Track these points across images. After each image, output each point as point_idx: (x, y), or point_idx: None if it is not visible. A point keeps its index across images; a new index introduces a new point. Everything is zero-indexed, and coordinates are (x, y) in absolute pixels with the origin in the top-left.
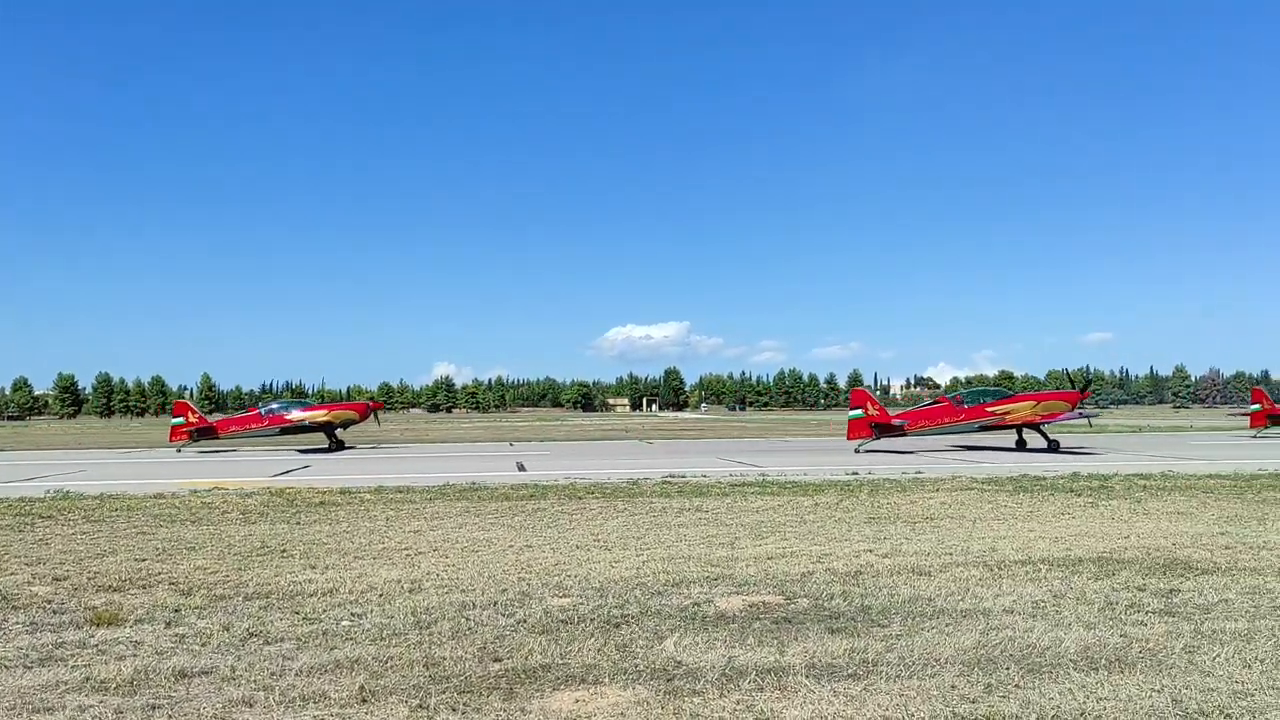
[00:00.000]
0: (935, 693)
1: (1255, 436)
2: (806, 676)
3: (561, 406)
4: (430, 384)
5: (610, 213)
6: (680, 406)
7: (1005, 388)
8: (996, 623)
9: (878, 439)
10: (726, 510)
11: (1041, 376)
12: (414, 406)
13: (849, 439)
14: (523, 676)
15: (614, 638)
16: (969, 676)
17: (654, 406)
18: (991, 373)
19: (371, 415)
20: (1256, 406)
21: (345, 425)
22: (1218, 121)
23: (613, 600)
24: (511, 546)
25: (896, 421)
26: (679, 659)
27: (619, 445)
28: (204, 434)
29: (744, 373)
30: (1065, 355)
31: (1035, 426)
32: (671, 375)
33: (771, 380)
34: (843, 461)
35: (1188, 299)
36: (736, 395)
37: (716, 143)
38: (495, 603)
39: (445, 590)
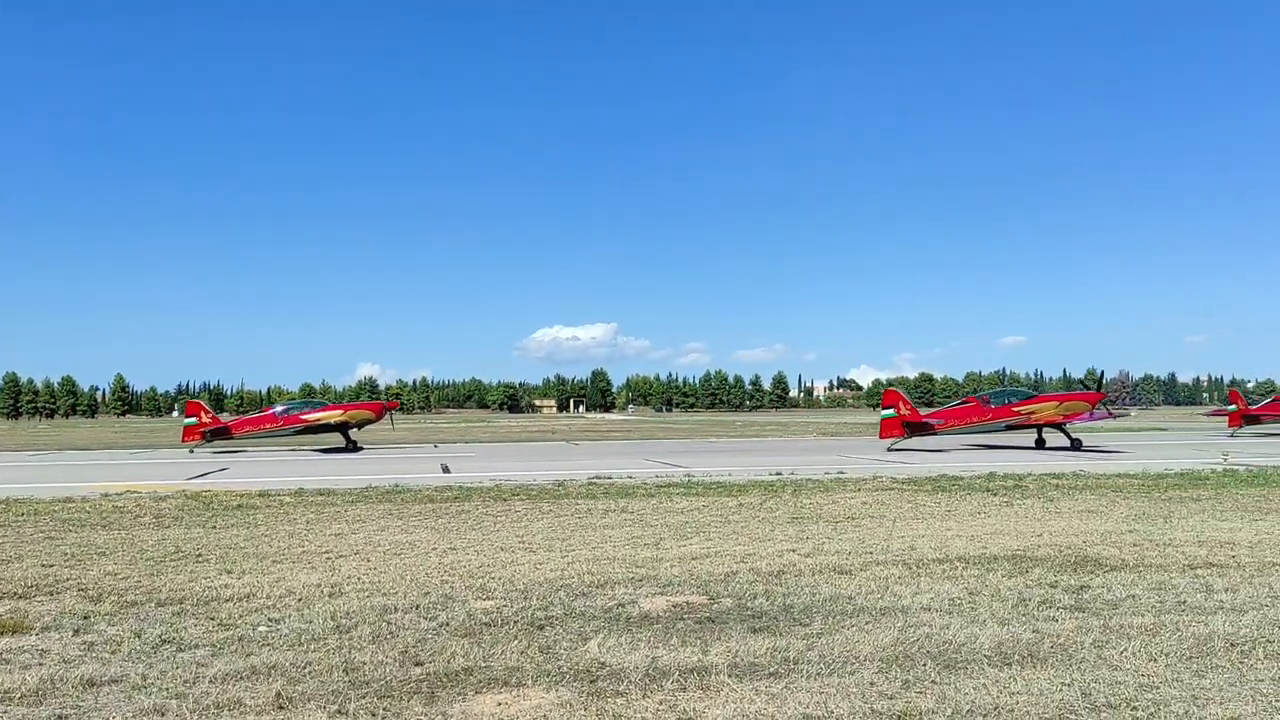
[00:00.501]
0: (855, 689)
1: (1231, 436)
2: (729, 676)
3: (487, 408)
4: (353, 385)
5: (538, 213)
6: (608, 408)
7: (1029, 389)
8: (915, 620)
9: (909, 437)
10: (652, 511)
11: (960, 379)
12: None
13: (881, 437)
14: (444, 680)
15: (538, 639)
16: (887, 673)
17: (581, 408)
18: (912, 375)
19: (387, 415)
20: (1233, 407)
21: (361, 425)
22: (1136, 134)
23: (537, 602)
24: (435, 549)
25: (929, 421)
26: (603, 660)
27: (545, 447)
28: (218, 434)
29: (670, 374)
30: (982, 358)
31: (1058, 426)
32: (599, 377)
33: (698, 382)
34: (766, 462)
35: (1098, 303)
36: (663, 397)
37: (646, 145)
38: (417, 606)
39: (366, 594)
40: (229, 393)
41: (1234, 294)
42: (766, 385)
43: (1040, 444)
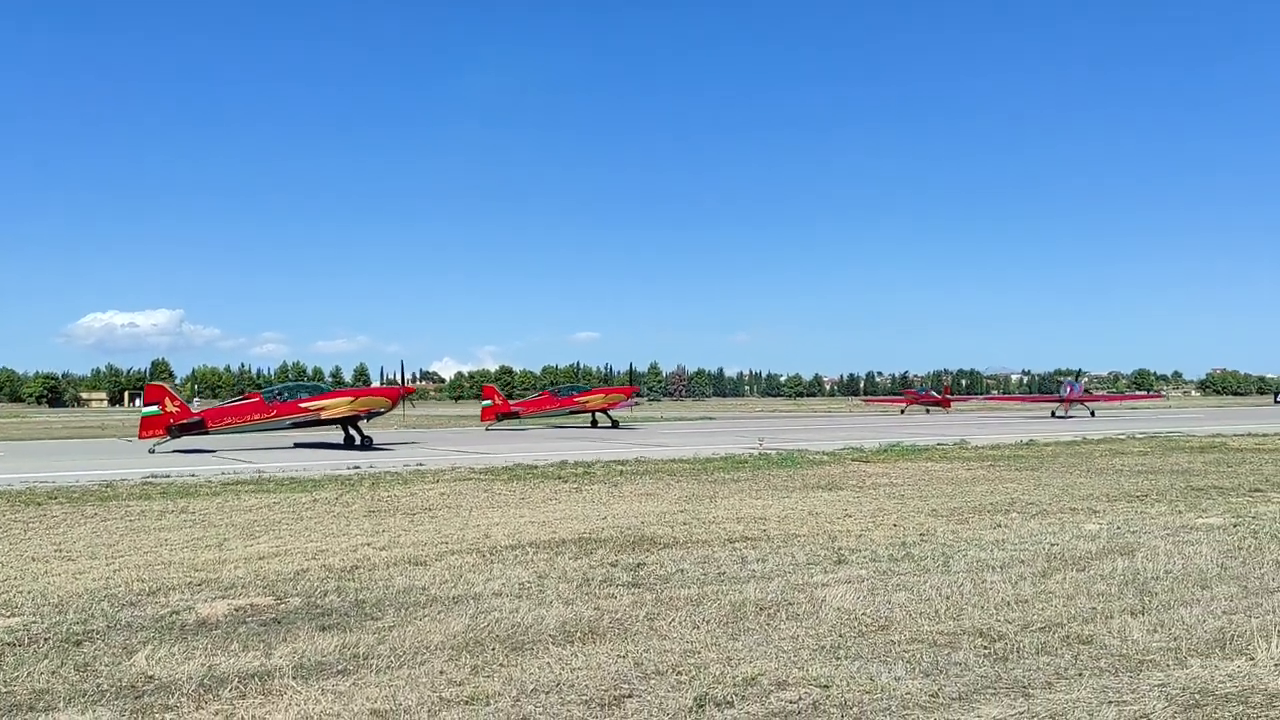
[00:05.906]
0: (424, 679)
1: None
2: (294, 678)
3: (22, 401)
4: None
5: (88, 185)
6: None
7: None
8: (486, 606)
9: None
10: (216, 510)
11: (538, 371)
12: None
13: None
14: None
15: (73, 657)
16: (457, 660)
17: (138, 401)
18: (493, 368)
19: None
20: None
21: (612, 407)
22: (697, 161)
23: (74, 616)
24: None
25: (1077, 400)
26: (150, 673)
27: (93, 444)
28: (506, 417)
29: (243, 365)
30: (557, 352)
31: (1084, 404)
32: (159, 367)
33: (274, 373)
34: (345, 456)
35: (660, 304)
36: (235, 390)
37: (218, 123)
38: None
39: None
40: None
41: (770, 299)
42: (348, 377)
43: (1091, 414)
